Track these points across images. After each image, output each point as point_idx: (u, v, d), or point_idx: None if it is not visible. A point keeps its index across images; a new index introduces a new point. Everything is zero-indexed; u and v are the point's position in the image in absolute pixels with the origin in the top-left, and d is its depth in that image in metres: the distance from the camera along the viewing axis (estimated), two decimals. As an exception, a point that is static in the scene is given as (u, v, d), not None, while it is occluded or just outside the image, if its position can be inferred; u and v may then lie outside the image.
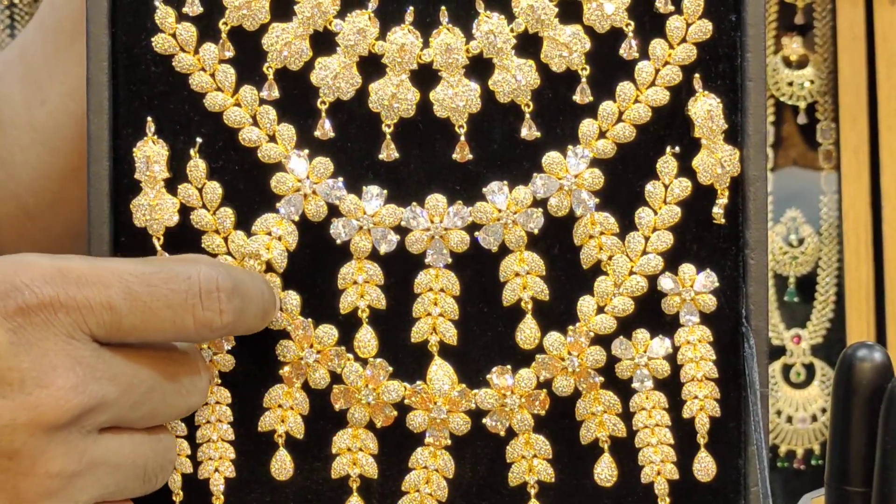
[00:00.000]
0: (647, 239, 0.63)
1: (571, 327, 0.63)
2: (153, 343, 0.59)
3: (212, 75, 0.63)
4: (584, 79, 0.63)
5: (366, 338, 0.63)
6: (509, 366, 0.63)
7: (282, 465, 0.63)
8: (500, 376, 0.63)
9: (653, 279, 0.63)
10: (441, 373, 0.63)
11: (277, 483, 0.64)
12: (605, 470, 0.64)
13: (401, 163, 0.63)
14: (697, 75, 0.63)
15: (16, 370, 0.56)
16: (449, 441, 0.63)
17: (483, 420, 0.63)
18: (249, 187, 0.63)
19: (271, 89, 0.63)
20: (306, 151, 0.63)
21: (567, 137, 0.63)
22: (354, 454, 0.63)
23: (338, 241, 0.63)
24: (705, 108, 0.63)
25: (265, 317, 0.61)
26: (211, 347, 0.63)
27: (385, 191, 0.63)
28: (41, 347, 0.56)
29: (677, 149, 0.63)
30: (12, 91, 0.79)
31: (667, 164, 0.63)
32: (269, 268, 0.63)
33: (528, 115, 0.63)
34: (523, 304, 0.63)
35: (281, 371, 0.63)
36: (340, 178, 0.63)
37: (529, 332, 0.63)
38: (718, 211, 0.63)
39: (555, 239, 0.63)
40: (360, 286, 0.63)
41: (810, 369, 1.07)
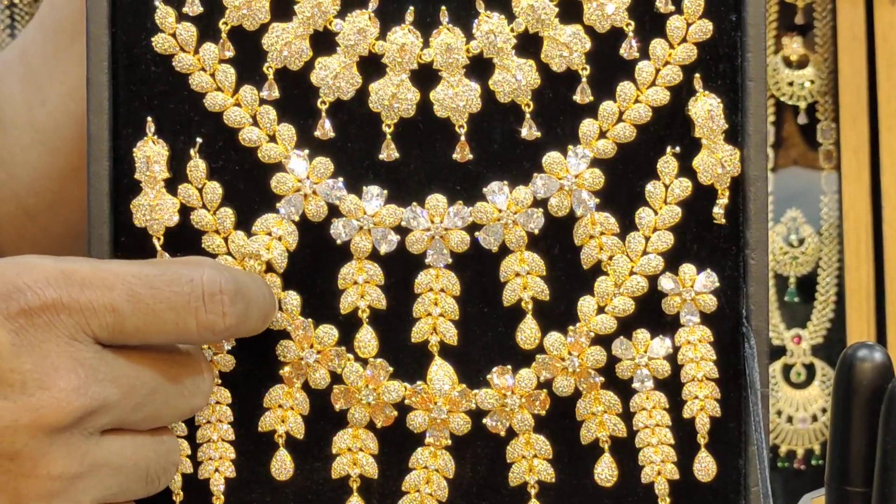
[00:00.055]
0: (648, 239, 0.63)
1: (572, 327, 0.63)
2: (155, 345, 0.59)
3: (212, 75, 0.63)
4: (585, 79, 0.63)
5: (366, 338, 0.63)
6: (510, 366, 0.63)
7: (282, 466, 0.63)
8: (501, 376, 0.63)
9: (653, 279, 0.63)
10: (441, 373, 0.63)
11: (277, 483, 0.63)
12: (606, 470, 0.64)
13: (401, 163, 0.63)
14: (698, 75, 0.63)
15: (17, 372, 0.56)
16: (449, 441, 0.63)
17: (483, 420, 0.63)
18: (249, 187, 0.63)
19: (271, 89, 0.63)
20: (306, 151, 0.63)
21: (567, 137, 0.63)
22: (355, 454, 0.63)
23: (338, 242, 0.63)
24: (706, 108, 0.63)
25: (266, 319, 0.61)
26: (211, 347, 0.63)
27: (385, 191, 0.63)
28: (43, 349, 0.56)
29: (678, 149, 0.63)
30: (13, 91, 0.79)
31: (667, 164, 0.63)
32: (270, 268, 0.63)
33: (529, 115, 0.63)
34: (524, 305, 0.63)
35: (281, 371, 0.63)
36: (340, 178, 0.63)
37: (530, 333, 0.63)
38: (719, 211, 0.63)
39: (555, 239, 0.63)
40: (361, 286, 0.63)
41: (811, 369, 1.07)
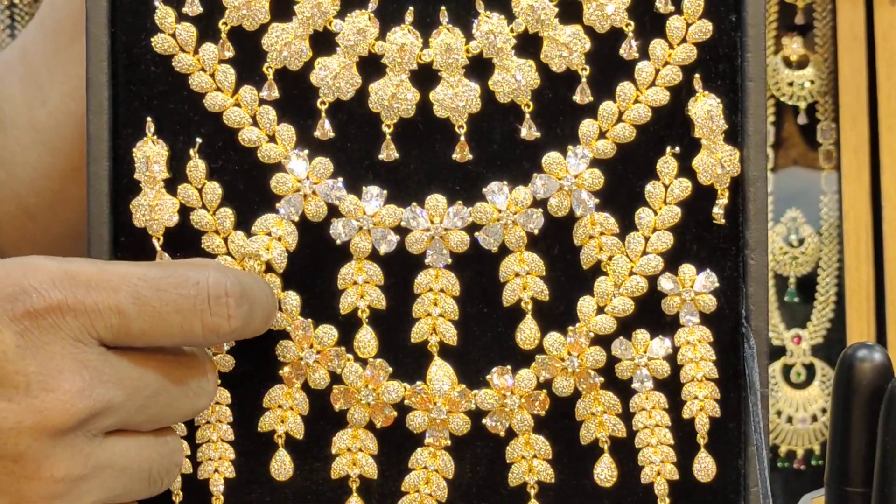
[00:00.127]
0: (647, 239, 0.63)
1: (571, 328, 0.63)
2: (160, 347, 0.59)
3: (212, 75, 0.63)
4: (584, 79, 0.63)
5: (366, 338, 0.63)
6: (509, 366, 0.63)
7: (281, 466, 0.63)
8: (500, 377, 0.63)
9: (653, 279, 0.63)
10: (441, 373, 0.63)
11: (277, 483, 0.63)
12: (605, 470, 0.64)
13: (401, 163, 0.63)
14: (697, 75, 0.63)
15: (22, 373, 0.55)
16: (449, 441, 0.63)
17: (483, 420, 0.63)
18: (249, 187, 0.63)
19: (271, 89, 0.63)
20: (306, 151, 0.63)
21: (567, 137, 0.63)
22: (354, 454, 0.63)
23: (338, 242, 0.63)
24: (705, 109, 0.63)
25: (268, 321, 0.61)
26: (211, 348, 0.63)
27: (385, 191, 0.63)
28: (48, 351, 0.56)
29: (677, 149, 0.63)
30: (13, 91, 0.79)
31: (667, 165, 0.63)
32: (269, 268, 0.63)
33: (528, 116, 0.63)
34: (523, 305, 0.63)
35: (281, 371, 0.63)
36: (340, 179, 0.63)
37: (529, 333, 0.63)
38: (718, 211, 0.63)
39: (555, 239, 0.63)
40: (360, 286, 0.63)
41: (810, 369, 1.07)
